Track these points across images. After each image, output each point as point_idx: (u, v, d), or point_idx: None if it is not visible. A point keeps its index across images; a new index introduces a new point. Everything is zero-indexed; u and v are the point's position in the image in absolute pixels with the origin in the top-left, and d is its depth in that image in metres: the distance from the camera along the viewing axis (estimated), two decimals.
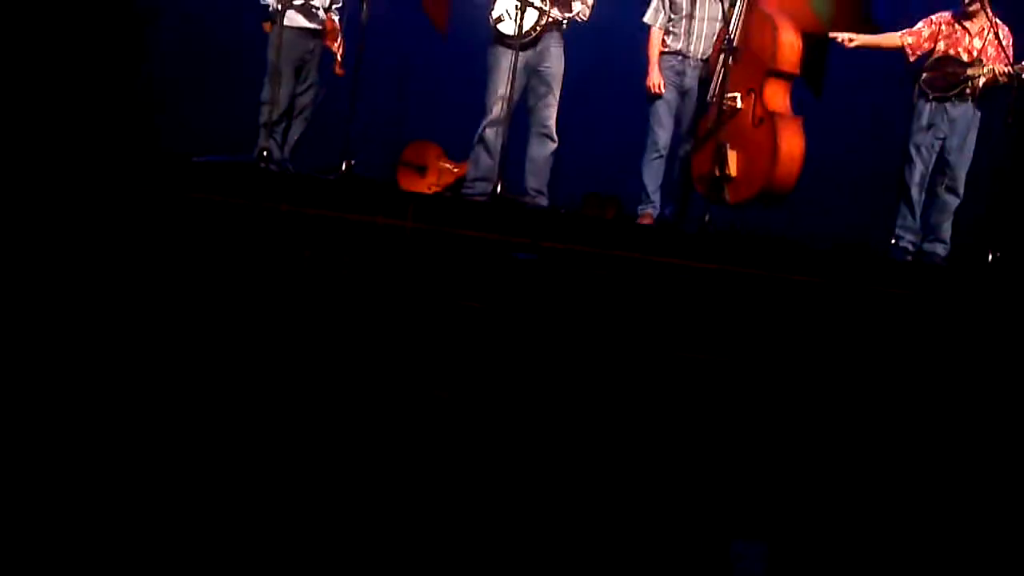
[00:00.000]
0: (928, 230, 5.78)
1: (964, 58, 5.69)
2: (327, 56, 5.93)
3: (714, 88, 5.63)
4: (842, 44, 5.78)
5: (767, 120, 5.56)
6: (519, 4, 5.39)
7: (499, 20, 5.58)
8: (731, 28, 5.54)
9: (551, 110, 5.67)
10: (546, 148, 5.69)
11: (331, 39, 5.88)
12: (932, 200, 5.76)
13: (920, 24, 5.81)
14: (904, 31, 5.82)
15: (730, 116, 5.60)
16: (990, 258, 5.48)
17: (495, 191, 5.43)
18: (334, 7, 5.89)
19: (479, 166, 5.71)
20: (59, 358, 3.61)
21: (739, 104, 5.60)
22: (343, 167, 5.41)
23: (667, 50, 5.79)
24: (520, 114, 5.72)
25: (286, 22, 5.59)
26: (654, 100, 5.79)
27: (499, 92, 5.57)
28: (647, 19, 5.84)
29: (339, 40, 5.88)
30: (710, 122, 5.67)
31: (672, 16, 5.78)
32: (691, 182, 5.90)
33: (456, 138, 6.56)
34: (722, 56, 5.54)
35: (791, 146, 5.55)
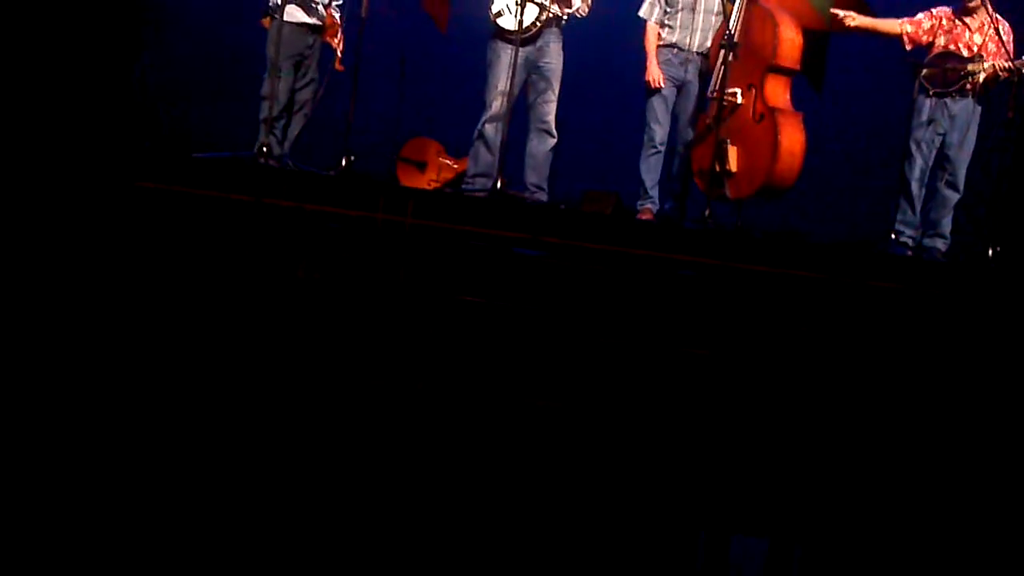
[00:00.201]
0: (928, 225, 5.76)
1: (964, 54, 5.68)
2: (326, 52, 5.91)
3: (714, 84, 5.62)
4: (843, 22, 5.75)
5: (768, 116, 5.56)
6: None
7: (499, 15, 5.57)
8: (731, 24, 5.53)
9: (551, 106, 5.66)
10: (546, 144, 5.68)
11: (330, 35, 5.86)
12: (932, 195, 5.75)
13: (921, 15, 5.79)
14: (905, 19, 5.80)
15: (730, 112, 5.59)
16: (990, 253, 5.47)
17: (495, 187, 5.42)
18: (334, 3, 5.86)
19: (479, 162, 5.70)
20: (56, 349, 3.61)
21: (739, 100, 5.59)
22: (343, 163, 5.40)
23: (663, 43, 5.75)
24: (519, 110, 5.71)
25: (285, 17, 5.57)
26: (651, 96, 5.76)
27: (498, 88, 5.57)
28: (642, 13, 5.82)
29: (339, 36, 5.86)
30: (710, 118, 5.65)
31: (668, 9, 5.76)
32: (690, 177, 5.89)
33: (456, 134, 6.56)
34: (722, 52, 5.53)
35: (792, 142, 5.55)
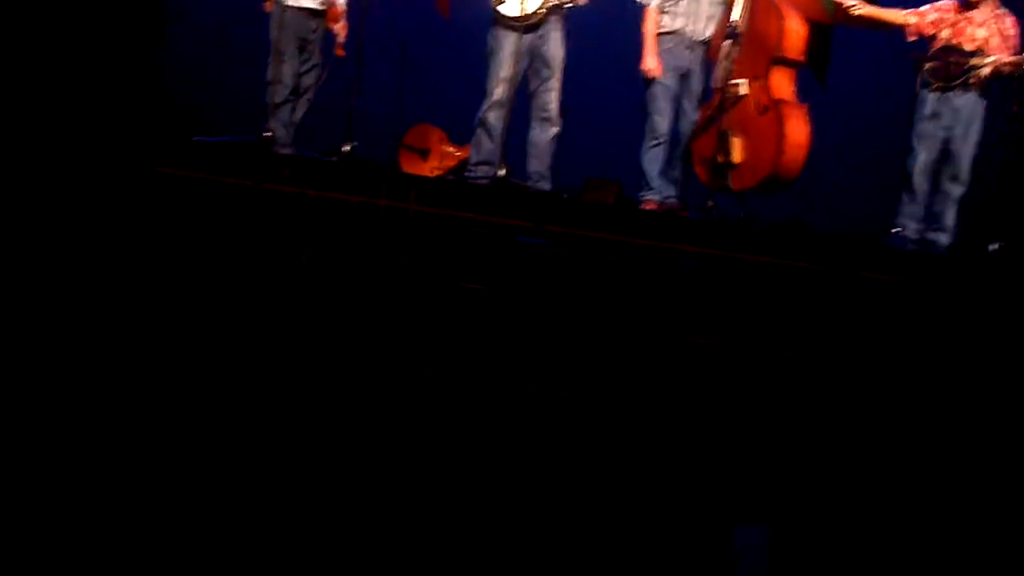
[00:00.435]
0: (931, 219, 5.76)
1: (968, 48, 5.66)
2: (328, 37, 5.88)
3: (718, 74, 5.59)
4: (847, 11, 5.73)
5: (772, 108, 5.54)
6: None
7: (501, 1, 5.52)
8: (735, 15, 5.50)
9: (553, 94, 5.62)
10: (548, 132, 5.65)
11: (333, 19, 5.83)
12: (936, 189, 5.75)
13: (926, 7, 5.78)
14: (910, 10, 5.79)
15: (734, 103, 5.57)
16: (993, 248, 5.47)
17: (497, 175, 5.40)
18: None
19: (481, 150, 5.68)
20: (58, 335, 3.60)
21: (744, 91, 5.57)
22: (345, 149, 5.38)
23: (665, 31, 5.66)
24: (521, 98, 5.68)
25: (288, 1, 5.55)
26: (652, 86, 5.69)
27: (500, 75, 5.53)
28: None
29: (341, 21, 5.83)
30: (713, 108, 5.64)
31: None
32: (691, 168, 5.86)
33: (458, 121, 6.53)
34: (725, 42, 5.50)
35: (797, 134, 5.53)
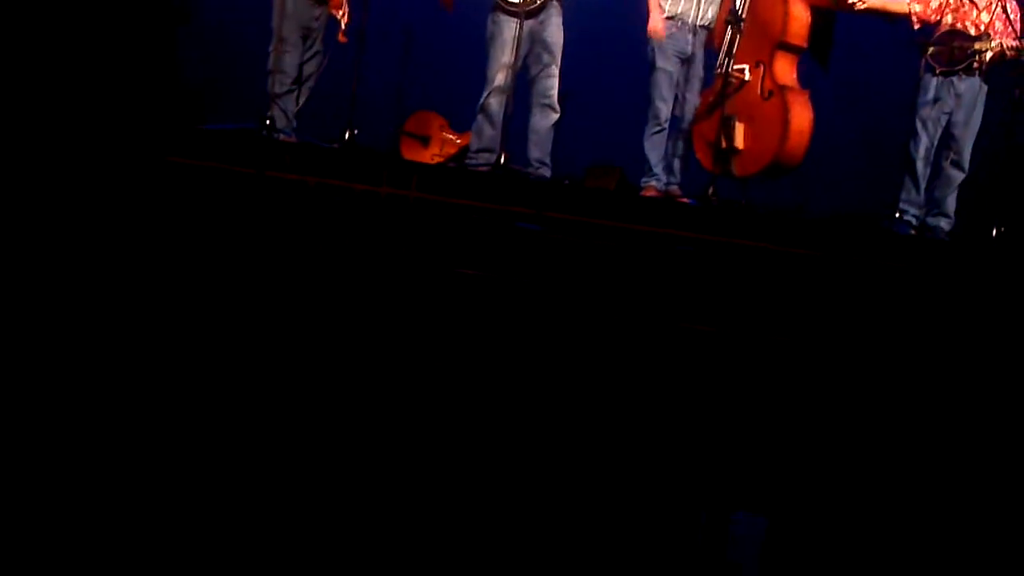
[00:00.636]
0: (932, 204, 5.76)
1: (971, 32, 5.65)
2: (331, 24, 5.87)
3: (721, 60, 5.58)
4: (852, 7, 5.71)
5: (777, 93, 5.53)
6: None
7: None
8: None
9: (553, 80, 5.60)
10: (548, 119, 5.64)
11: (335, 6, 5.82)
12: (937, 174, 5.75)
13: None
14: None
15: (737, 88, 5.56)
16: (994, 233, 5.47)
17: (498, 162, 5.41)
18: None
19: (482, 136, 5.67)
20: (64, 320, 3.62)
21: (747, 76, 5.57)
22: (346, 136, 5.39)
23: (667, 15, 5.62)
24: (521, 85, 5.67)
25: None
26: (655, 72, 5.68)
27: (501, 61, 5.51)
28: None
29: (344, 8, 5.83)
30: (715, 94, 5.63)
31: None
32: (693, 153, 5.85)
33: (459, 108, 6.52)
34: (729, 28, 5.49)
35: (800, 120, 5.53)
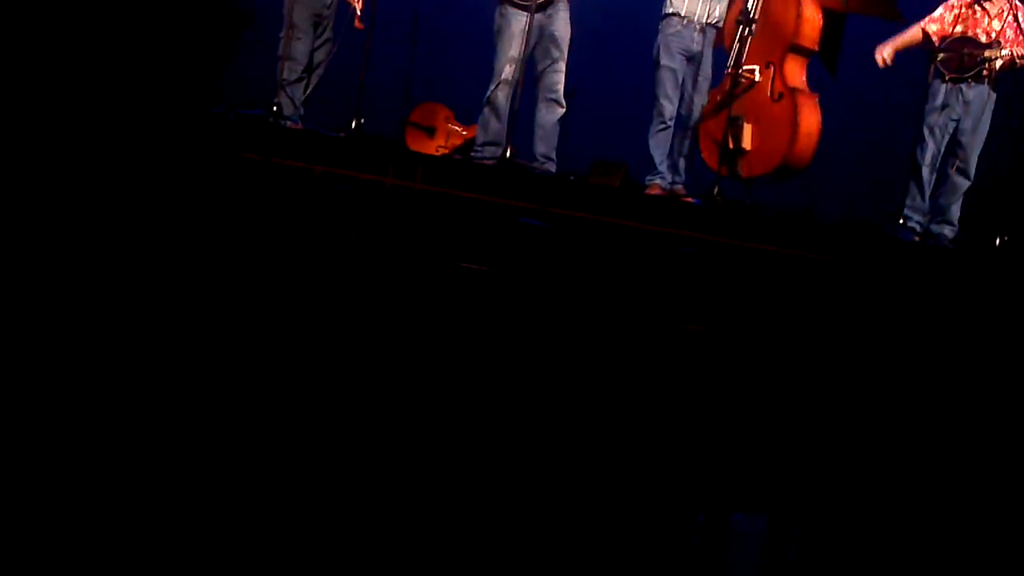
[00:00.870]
0: (937, 211, 5.75)
1: (982, 40, 5.64)
2: (341, 11, 5.83)
3: (731, 60, 5.56)
4: (885, 63, 5.75)
5: (787, 95, 5.51)
6: None
7: None
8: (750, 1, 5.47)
9: (559, 75, 5.58)
10: (554, 114, 5.62)
11: None
12: (942, 181, 5.73)
13: (941, 10, 5.75)
14: (926, 20, 5.77)
15: (746, 89, 5.55)
16: (998, 242, 5.47)
17: (504, 155, 5.39)
18: None
19: (488, 130, 5.65)
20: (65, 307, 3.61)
21: (757, 77, 5.55)
22: (353, 125, 5.37)
23: (672, 11, 5.60)
24: (527, 79, 5.65)
25: None
26: (660, 69, 5.64)
27: (509, 54, 5.48)
28: None
29: None
30: (723, 93, 5.61)
31: None
32: (699, 152, 5.84)
33: (466, 100, 6.51)
34: (740, 28, 5.47)
35: (809, 123, 5.52)
